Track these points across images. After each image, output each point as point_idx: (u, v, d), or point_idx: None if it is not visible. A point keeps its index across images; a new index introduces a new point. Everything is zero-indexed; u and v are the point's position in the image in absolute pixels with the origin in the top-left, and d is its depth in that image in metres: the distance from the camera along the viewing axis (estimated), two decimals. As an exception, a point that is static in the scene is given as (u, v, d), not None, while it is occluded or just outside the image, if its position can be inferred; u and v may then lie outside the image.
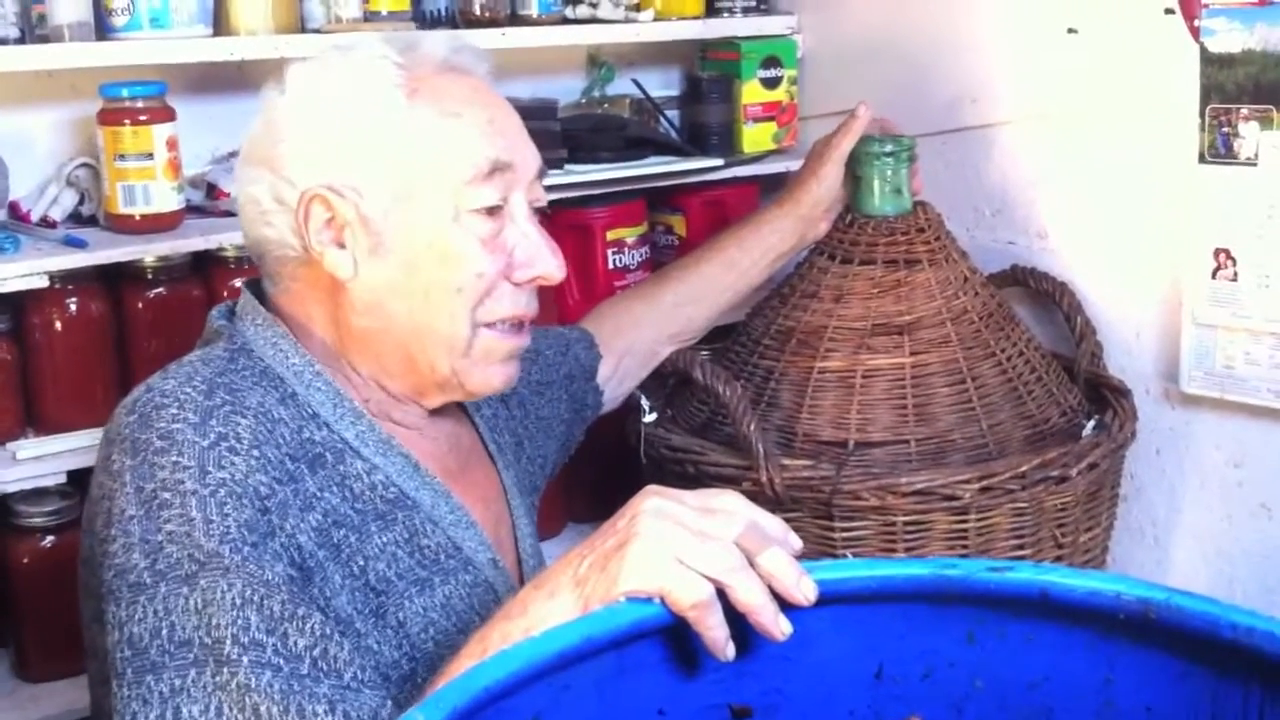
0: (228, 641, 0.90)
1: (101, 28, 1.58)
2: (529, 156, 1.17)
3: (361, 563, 1.04)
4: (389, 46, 1.12)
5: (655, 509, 0.86)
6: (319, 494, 1.04)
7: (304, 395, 1.08)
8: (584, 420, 1.54)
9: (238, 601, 0.92)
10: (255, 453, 1.00)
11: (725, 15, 2.13)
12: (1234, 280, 1.58)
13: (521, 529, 1.27)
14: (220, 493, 0.96)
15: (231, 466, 0.98)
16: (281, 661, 0.91)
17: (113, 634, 0.94)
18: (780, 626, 0.80)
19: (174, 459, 0.97)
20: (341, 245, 1.09)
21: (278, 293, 1.15)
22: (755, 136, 2.14)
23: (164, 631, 0.91)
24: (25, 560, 1.59)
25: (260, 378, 1.07)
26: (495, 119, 1.14)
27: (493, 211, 1.12)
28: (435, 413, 1.19)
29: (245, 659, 0.90)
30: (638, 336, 1.60)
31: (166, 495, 0.95)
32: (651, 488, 0.89)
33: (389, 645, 1.04)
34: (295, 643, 0.92)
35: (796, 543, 0.86)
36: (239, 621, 0.91)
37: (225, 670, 0.89)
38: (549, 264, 1.16)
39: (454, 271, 1.10)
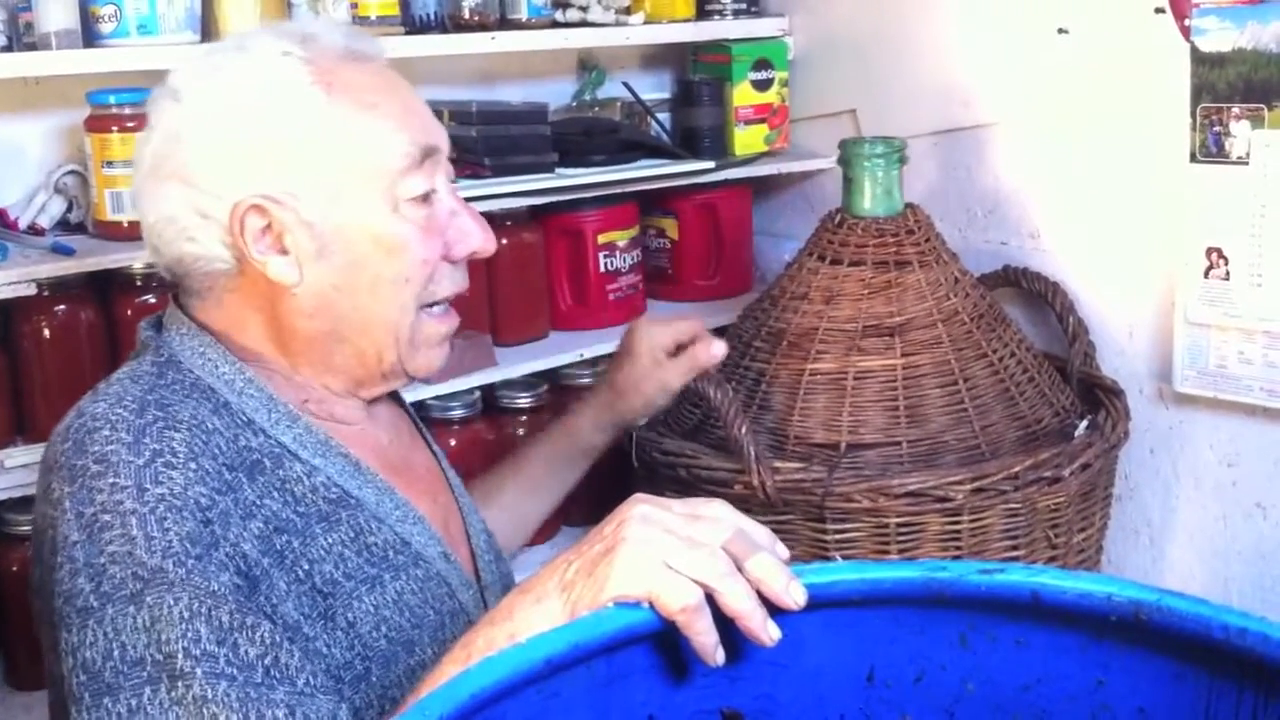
0: (179, 655, 0.90)
1: (89, 35, 1.57)
2: (444, 135, 1.16)
3: (306, 566, 1.03)
4: (289, 41, 1.09)
5: (642, 515, 0.85)
6: (259, 501, 1.03)
7: (236, 403, 1.07)
8: None
9: (185, 615, 0.91)
10: (192, 465, 0.98)
11: (716, 18, 2.13)
12: (1226, 279, 1.58)
13: (472, 524, 1.26)
14: (160, 508, 0.95)
15: (169, 481, 0.96)
16: (235, 671, 0.90)
17: (67, 660, 0.93)
18: (769, 632, 0.79)
19: (111, 480, 0.96)
20: (284, 252, 1.07)
21: (204, 306, 1.12)
22: (747, 139, 2.13)
23: (115, 652, 0.91)
24: (15, 568, 1.58)
25: (191, 390, 1.06)
26: (409, 104, 1.13)
27: (426, 197, 1.12)
28: (373, 408, 1.19)
29: (199, 670, 0.89)
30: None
31: (106, 517, 0.95)
32: (639, 495, 0.88)
33: (340, 647, 1.03)
34: (246, 652, 0.92)
35: (783, 551, 0.85)
36: (189, 634, 0.90)
37: (180, 684, 0.89)
38: (480, 237, 1.16)
39: (400, 262, 1.10)
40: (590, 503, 1.83)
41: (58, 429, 1.04)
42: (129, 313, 1.62)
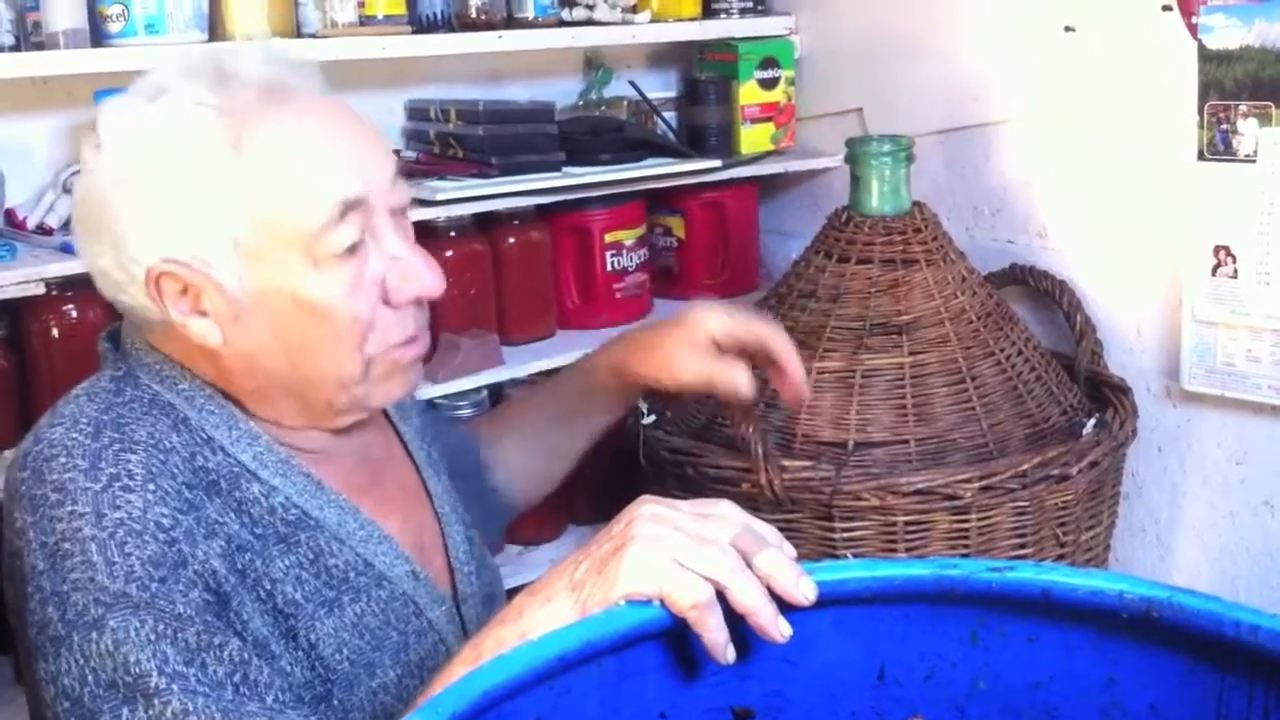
0: (153, 674, 0.89)
1: (97, 34, 1.58)
2: (380, 171, 1.06)
3: (268, 586, 1.02)
4: (199, 85, 1.01)
5: (651, 514, 0.85)
6: (219, 520, 1.01)
7: (196, 420, 1.04)
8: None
9: (151, 638, 0.91)
10: (151, 486, 0.97)
11: (722, 16, 2.13)
12: (1234, 277, 1.58)
13: (452, 536, 1.21)
14: (119, 533, 0.94)
15: (128, 505, 0.95)
16: (206, 689, 0.90)
17: (49, 689, 0.93)
18: (780, 628, 0.79)
19: (69, 509, 0.95)
20: (203, 314, 1.02)
21: (155, 339, 1.07)
22: (753, 137, 2.13)
23: (89, 677, 0.91)
24: (24, 568, 1.59)
25: (150, 406, 1.03)
26: (334, 150, 1.03)
27: (353, 248, 1.03)
28: (341, 431, 1.13)
29: (175, 687, 0.89)
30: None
31: (67, 545, 0.94)
32: (646, 496, 0.88)
33: (301, 667, 1.02)
34: (215, 671, 0.91)
35: (790, 550, 0.85)
36: (157, 656, 0.90)
37: (157, 701, 0.89)
38: (423, 282, 1.07)
39: (328, 325, 1.03)
40: (598, 502, 1.84)
41: (16, 455, 1.02)
42: (137, 312, 1.62)
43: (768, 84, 2.13)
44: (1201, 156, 1.58)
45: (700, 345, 1.27)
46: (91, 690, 0.91)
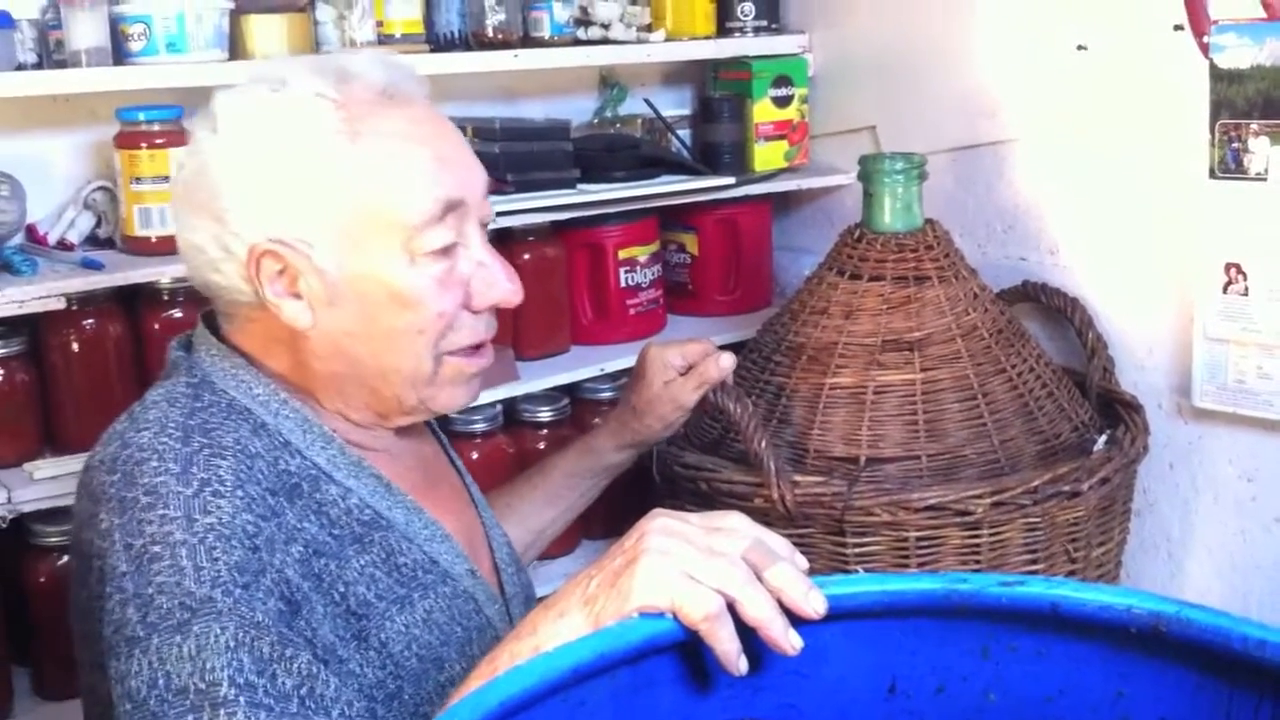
0: (224, 684, 0.90)
1: (118, 53, 1.60)
2: (477, 181, 1.14)
3: (342, 589, 1.04)
4: (323, 80, 1.08)
5: (662, 528, 0.86)
6: (299, 525, 1.04)
7: (273, 424, 1.08)
8: None
9: (231, 644, 0.92)
10: (239, 493, 0.99)
11: (736, 35, 2.14)
12: (1245, 295, 1.58)
13: (495, 537, 1.27)
14: (209, 538, 0.96)
15: (218, 510, 0.97)
16: (272, 702, 0.91)
17: (115, 688, 0.94)
18: (791, 641, 0.80)
19: (160, 512, 0.97)
20: (298, 296, 1.07)
21: (232, 329, 1.13)
22: (767, 155, 2.14)
23: (160, 681, 0.92)
24: (43, 579, 1.60)
25: (229, 412, 1.06)
26: (441, 153, 1.10)
27: (447, 250, 1.10)
28: (400, 432, 1.19)
29: (242, 699, 0.90)
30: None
31: (156, 549, 0.96)
32: (658, 510, 0.89)
33: (373, 667, 1.04)
34: (283, 683, 0.92)
35: (803, 562, 0.86)
36: (233, 664, 0.91)
37: (222, 712, 0.90)
38: (505, 289, 1.13)
39: (414, 315, 1.09)
40: (611, 516, 1.84)
41: (101, 458, 1.04)
42: (157, 327, 1.64)
43: (781, 102, 2.14)
44: (1213, 175, 1.58)
45: (673, 371, 1.47)
46: (160, 694, 0.91)
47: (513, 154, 1.87)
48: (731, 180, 2.06)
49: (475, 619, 1.15)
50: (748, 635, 0.81)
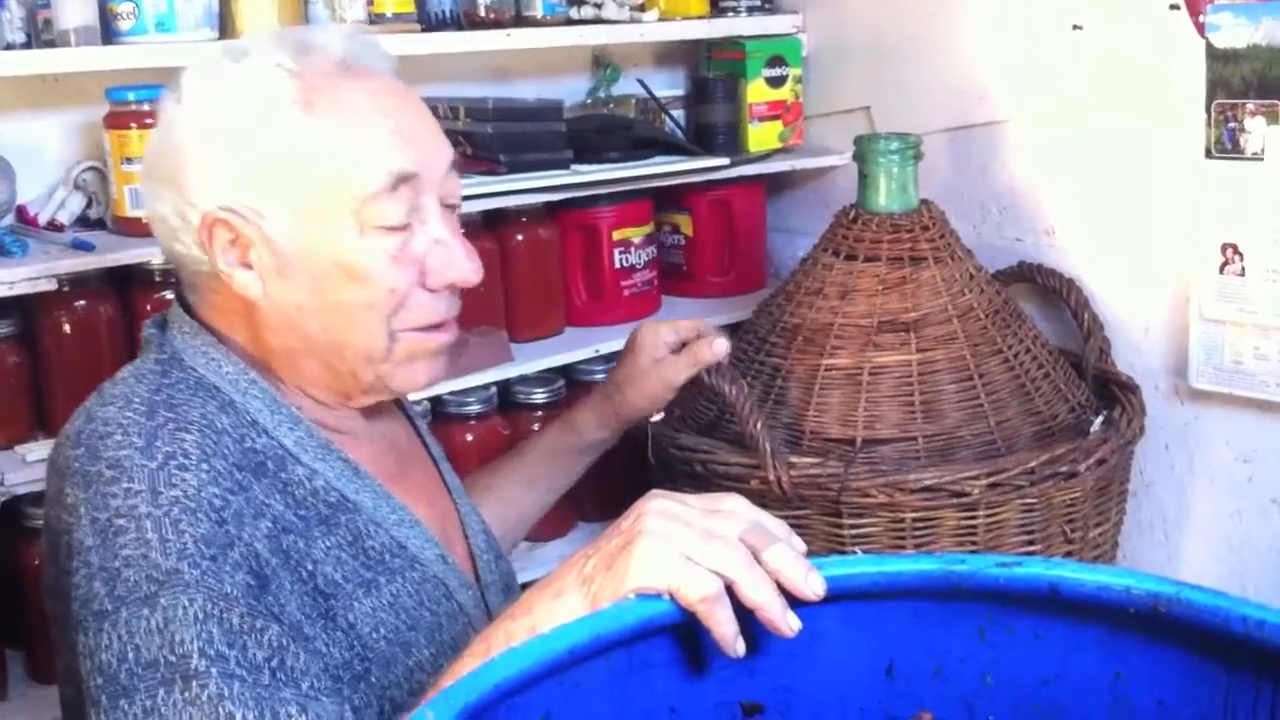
0: (194, 656, 0.90)
1: (107, 32, 1.58)
2: (438, 157, 1.12)
3: (310, 567, 1.04)
4: (283, 52, 1.08)
5: (660, 509, 0.86)
6: (266, 501, 1.03)
7: (241, 403, 1.07)
8: None
9: (200, 616, 0.92)
10: (205, 466, 0.99)
11: (730, 15, 2.13)
12: (1241, 275, 1.58)
13: (471, 524, 1.26)
14: (174, 510, 0.96)
15: (183, 483, 0.97)
16: (244, 673, 0.91)
17: (84, 663, 0.94)
18: (789, 622, 0.80)
19: (125, 486, 0.97)
20: (248, 266, 1.07)
21: (200, 304, 1.13)
22: (761, 135, 2.14)
23: (130, 655, 0.92)
24: (37, 562, 1.59)
25: (196, 388, 1.06)
26: (399, 126, 1.09)
27: (402, 225, 1.08)
28: (369, 415, 1.18)
29: (214, 670, 0.90)
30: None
31: (121, 522, 0.95)
32: (655, 491, 0.89)
33: (340, 648, 1.04)
34: (254, 655, 0.92)
35: (800, 544, 0.85)
36: (203, 635, 0.91)
37: (195, 684, 0.90)
38: (463, 268, 1.11)
39: (363, 289, 1.07)
40: (606, 499, 1.84)
41: (67, 433, 1.04)
42: (148, 308, 1.63)
43: (775, 82, 2.13)
44: (1209, 155, 1.58)
45: (664, 349, 1.46)
46: (130, 668, 0.91)
47: (506, 135, 1.86)
48: (726, 161, 2.06)
49: (445, 605, 1.14)
50: (745, 618, 0.81)
